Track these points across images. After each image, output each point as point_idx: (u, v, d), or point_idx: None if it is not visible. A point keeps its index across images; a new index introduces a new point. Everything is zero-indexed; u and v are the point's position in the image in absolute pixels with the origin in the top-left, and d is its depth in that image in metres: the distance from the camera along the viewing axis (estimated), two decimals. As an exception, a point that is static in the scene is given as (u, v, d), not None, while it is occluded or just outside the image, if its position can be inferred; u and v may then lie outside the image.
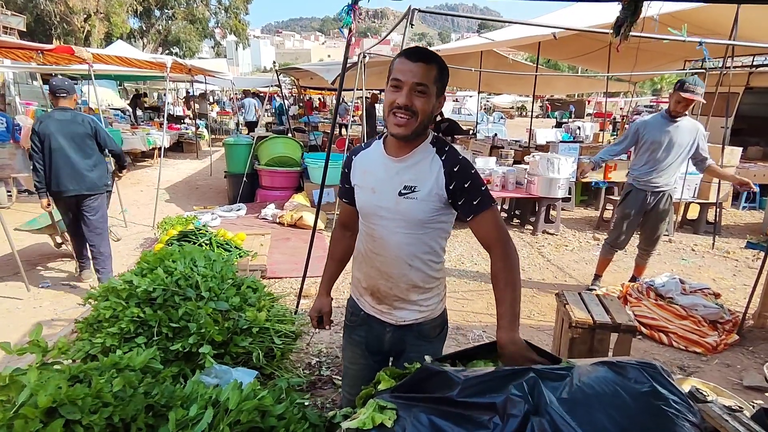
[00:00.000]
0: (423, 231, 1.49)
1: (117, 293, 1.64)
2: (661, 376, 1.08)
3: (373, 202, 1.51)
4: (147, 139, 10.44)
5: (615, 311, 2.62)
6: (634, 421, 0.96)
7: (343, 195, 1.70)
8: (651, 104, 29.84)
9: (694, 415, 1.01)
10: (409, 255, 1.50)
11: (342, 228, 1.78)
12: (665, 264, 5.34)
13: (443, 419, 1.05)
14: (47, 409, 1.02)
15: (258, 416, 1.16)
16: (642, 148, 3.96)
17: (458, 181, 1.44)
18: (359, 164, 1.59)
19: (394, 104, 1.39)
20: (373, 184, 1.52)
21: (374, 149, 1.58)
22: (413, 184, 1.45)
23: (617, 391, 1.05)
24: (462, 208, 1.47)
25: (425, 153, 1.48)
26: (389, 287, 1.55)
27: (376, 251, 1.54)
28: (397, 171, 1.47)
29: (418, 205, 1.45)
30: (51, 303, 3.82)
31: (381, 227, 1.51)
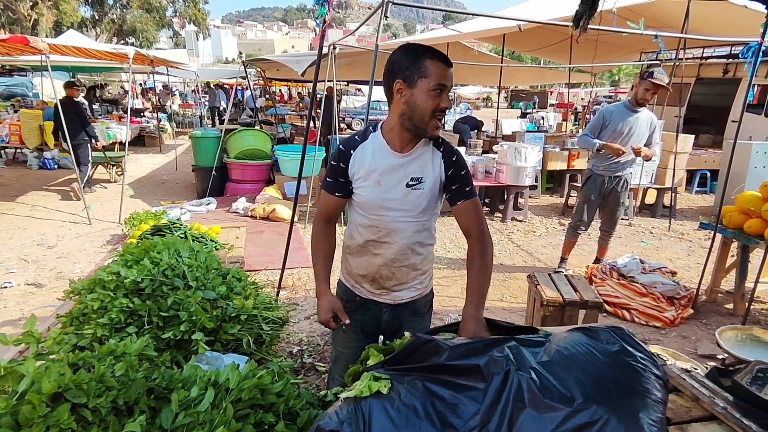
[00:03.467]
0: (426, 217, 1.62)
1: (104, 285, 1.63)
2: (629, 338, 1.20)
3: (379, 195, 1.56)
4: (107, 133, 10.05)
5: (582, 289, 2.78)
6: (606, 375, 1.07)
7: (334, 188, 1.64)
8: (610, 95, 30.93)
9: (659, 369, 1.12)
10: (414, 241, 1.62)
11: (326, 222, 1.73)
12: (626, 246, 5.64)
13: (434, 384, 1.13)
14: (52, 395, 1.04)
15: (258, 394, 1.20)
16: (604, 135, 4.15)
17: (455, 168, 1.58)
18: (359, 158, 1.58)
19: (438, 107, 1.47)
20: (378, 177, 1.55)
21: (373, 142, 1.58)
22: (419, 176, 1.56)
23: (590, 350, 1.16)
24: (453, 193, 1.60)
25: (426, 146, 1.58)
26: (392, 272, 1.64)
27: (380, 240, 1.60)
28: (402, 164, 1.55)
29: (425, 195, 1.57)
30: (16, 303, 3.69)
31: (387, 218, 1.57)
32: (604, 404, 1.01)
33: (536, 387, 1.04)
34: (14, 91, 13.53)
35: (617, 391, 1.06)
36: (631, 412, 1.01)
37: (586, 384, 1.07)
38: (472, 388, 1.09)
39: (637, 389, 1.07)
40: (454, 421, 1.05)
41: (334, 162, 1.63)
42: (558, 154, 8.07)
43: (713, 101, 10.28)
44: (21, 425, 1.00)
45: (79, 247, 5.01)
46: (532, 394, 1.02)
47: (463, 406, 1.07)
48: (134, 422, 1.05)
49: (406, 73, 1.46)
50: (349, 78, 14.11)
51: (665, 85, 3.83)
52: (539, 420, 0.99)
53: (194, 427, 1.11)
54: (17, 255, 4.71)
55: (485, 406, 1.04)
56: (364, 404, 1.10)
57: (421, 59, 1.45)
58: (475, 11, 9.94)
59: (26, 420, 0.99)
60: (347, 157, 1.60)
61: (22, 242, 5.08)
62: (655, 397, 1.06)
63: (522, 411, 1.01)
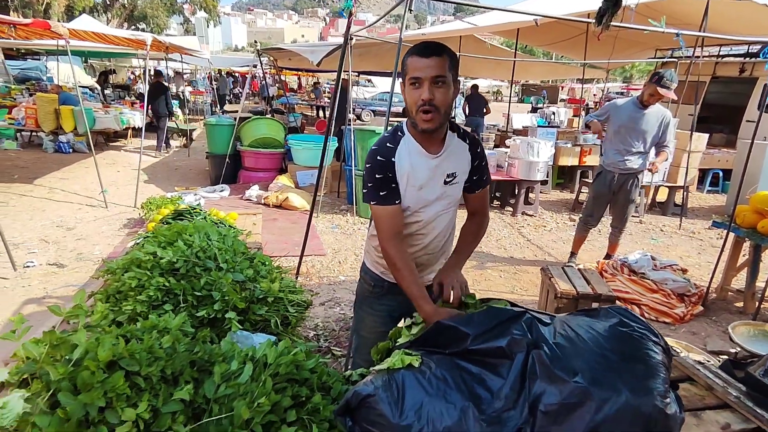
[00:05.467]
0: (456, 206, 1.70)
1: (140, 264, 1.70)
2: (626, 311, 1.27)
3: (421, 197, 1.60)
4: (120, 118, 10.14)
5: (596, 283, 2.82)
6: (608, 347, 1.15)
7: (392, 197, 1.55)
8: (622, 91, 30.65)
9: (656, 336, 1.19)
10: (449, 229, 1.72)
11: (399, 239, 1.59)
12: (636, 243, 5.66)
13: (462, 361, 1.19)
14: (107, 363, 1.11)
15: (294, 369, 1.27)
16: (611, 130, 4.17)
17: (480, 159, 1.66)
18: (400, 164, 1.56)
19: (418, 101, 1.45)
20: (420, 182, 1.57)
21: (406, 146, 1.57)
22: (453, 171, 1.61)
23: (591, 327, 1.23)
24: (473, 183, 1.68)
25: (453, 140, 1.62)
26: (427, 260, 1.73)
27: (420, 233, 1.66)
28: (438, 164, 1.59)
29: (459, 187, 1.66)
30: (40, 282, 3.79)
31: (426, 213, 1.63)
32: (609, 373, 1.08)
33: (548, 361, 1.10)
34: (29, 74, 13.65)
35: (620, 359, 1.13)
36: (634, 377, 1.07)
37: (590, 356, 1.14)
38: (497, 365, 1.15)
39: (637, 355, 1.14)
40: (481, 392, 1.11)
41: (380, 174, 1.55)
42: (570, 149, 8.06)
43: (728, 100, 10.19)
44: (79, 390, 1.08)
45: (97, 230, 5.11)
46: (544, 367, 1.09)
47: (490, 380, 1.13)
48: (182, 390, 1.12)
49: (401, 74, 1.52)
50: (360, 69, 14.08)
51: (669, 95, 3.83)
52: (550, 391, 1.05)
53: (235, 398, 1.18)
54: (38, 236, 4.82)
55: (510, 380, 1.10)
56: (397, 375, 1.16)
57: (406, 57, 1.48)
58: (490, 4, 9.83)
59: (84, 384, 1.06)
60: (392, 165, 1.56)
61: (41, 223, 5.19)
62: (656, 360, 1.12)
63: (535, 382, 1.08)
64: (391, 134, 1.61)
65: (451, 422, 1.06)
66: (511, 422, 1.05)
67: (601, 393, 1.02)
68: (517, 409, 1.07)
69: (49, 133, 9.02)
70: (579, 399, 1.02)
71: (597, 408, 1.01)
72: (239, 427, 1.12)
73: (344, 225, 5.84)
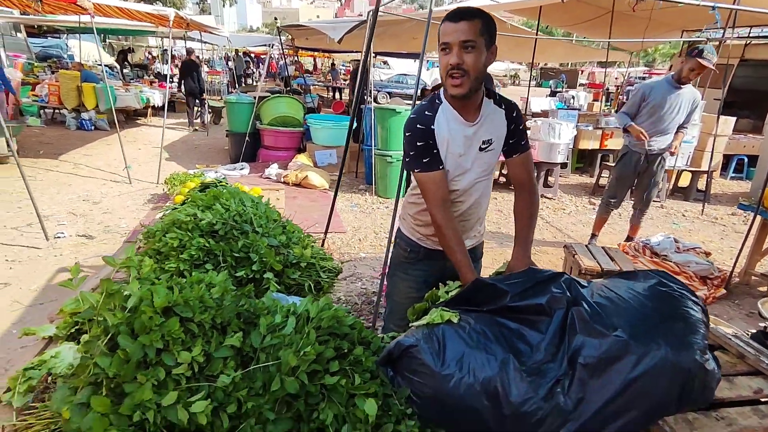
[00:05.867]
0: (491, 173, 1.71)
1: (180, 225, 1.76)
2: (666, 274, 1.28)
3: (459, 164, 1.61)
4: (140, 96, 10.24)
5: (620, 260, 2.82)
6: (647, 305, 1.16)
7: (436, 162, 1.57)
8: (644, 75, 29.88)
9: (695, 296, 1.20)
10: (484, 196, 1.73)
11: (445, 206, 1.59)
12: (657, 228, 5.60)
13: (501, 317, 1.22)
14: (162, 309, 1.16)
15: (335, 323, 1.31)
16: (643, 111, 4.08)
17: (516, 123, 1.65)
18: (440, 133, 1.57)
19: (447, 66, 1.47)
20: (459, 150, 1.59)
21: (444, 114, 1.57)
22: (489, 138, 1.61)
23: (630, 287, 1.25)
24: (511, 147, 1.67)
25: (489, 107, 1.62)
26: (463, 227, 1.74)
27: (458, 201, 1.68)
28: (475, 132, 1.60)
29: (495, 154, 1.66)
30: (71, 252, 3.91)
31: (463, 181, 1.64)
32: (649, 329, 1.11)
33: (588, 317, 1.12)
34: (50, 52, 13.80)
35: (660, 316, 1.15)
36: (674, 333, 1.09)
37: (630, 314, 1.16)
38: (536, 321, 1.18)
39: (677, 313, 1.16)
40: (520, 346, 1.14)
41: (421, 142, 1.56)
42: (591, 132, 7.94)
43: (756, 84, 9.91)
44: (136, 334, 1.13)
45: (122, 204, 5.23)
46: (584, 322, 1.11)
47: (529, 335, 1.16)
48: (233, 338, 1.17)
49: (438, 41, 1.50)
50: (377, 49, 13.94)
51: (712, 67, 3.74)
52: (590, 344, 1.08)
53: (280, 348, 1.23)
54: (66, 209, 4.94)
55: (549, 334, 1.13)
56: (437, 329, 1.20)
57: (440, 26, 1.48)
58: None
59: (142, 328, 1.12)
60: (432, 133, 1.56)
61: (68, 197, 5.32)
62: (696, 318, 1.14)
63: (574, 337, 1.10)
64: (429, 102, 1.62)
65: (491, 373, 1.09)
66: (551, 373, 1.08)
67: (642, 347, 1.04)
68: (557, 361, 1.10)
69: (71, 111, 9.16)
70: (619, 352, 1.04)
71: (637, 361, 1.03)
72: (286, 374, 1.17)
73: (363, 204, 5.87)
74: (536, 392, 1.06)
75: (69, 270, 3.54)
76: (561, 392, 1.05)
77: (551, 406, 1.05)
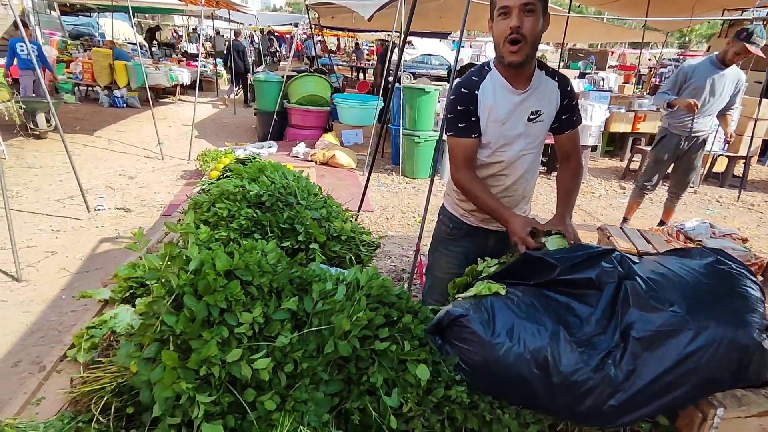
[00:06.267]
0: (539, 147, 1.69)
1: (228, 196, 1.81)
2: (723, 252, 1.26)
3: (502, 133, 1.60)
4: (170, 75, 10.38)
5: (656, 243, 2.79)
6: (704, 282, 1.15)
7: (469, 130, 1.59)
8: (677, 57, 28.71)
9: (753, 275, 1.19)
10: (530, 172, 1.70)
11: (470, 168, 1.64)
12: (691, 213, 5.48)
13: (550, 291, 1.24)
14: (224, 273, 1.22)
15: (384, 291, 1.35)
16: (685, 92, 3.96)
17: (569, 98, 1.63)
18: (483, 99, 1.58)
19: (506, 31, 1.43)
20: (502, 116, 1.57)
21: (491, 82, 1.58)
22: (538, 109, 1.59)
23: (685, 264, 1.24)
24: (563, 123, 1.65)
25: (541, 78, 1.60)
26: (509, 202, 1.72)
27: (502, 173, 1.67)
28: (523, 100, 1.58)
29: (544, 126, 1.63)
30: (111, 224, 4.06)
31: (509, 152, 1.63)
32: (706, 305, 1.10)
33: (642, 291, 1.13)
34: (82, 30, 14.04)
35: (717, 294, 1.14)
36: (732, 310, 1.09)
37: (686, 290, 1.15)
38: (585, 295, 1.19)
39: (735, 291, 1.15)
40: (570, 318, 1.16)
41: (461, 106, 1.59)
42: (623, 115, 7.74)
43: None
44: (200, 295, 1.19)
45: (156, 179, 5.37)
46: (638, 296, 1.12)
47: (578, 309, 1.17)
48: (289, 301, 1.22)
49: (491, 10, 1.49)
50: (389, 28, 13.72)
51: (759, 53, 3.57)
52: (645, 318, 1.08)
53: (332, 313, 1.27)
54: (103, 183, 5.11)
55: (600, 308, 1.14)
56: (485, 300, 1.22)
57: None
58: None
59: (205, 289, 1.18)
60: (474, 98, 1.57)
61: (105, 172, 5.49)
62: (754, 297, 1.14)
63: (628, 311, 1.11)
64: (478, 69, 1.63)
65: (542, 343, 1.11)
66: (602, 345, 1.10)
67: (698, 323, 1.05)
68: (608, 333, 1.11)
69: (104, 88, 9.36)
70: (675, 327, 1.05)
71: (693, 337, 1.04)
72: (338, 338, 1.22)
73: (390, 184, 5.89)
74: (586, 363, 1.08)
75: (111, 240, 3.69)
76: (612, 364, 1.07)
77: (601, 377, 1.07)
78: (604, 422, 1.11)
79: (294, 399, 1.14)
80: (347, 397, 1.22)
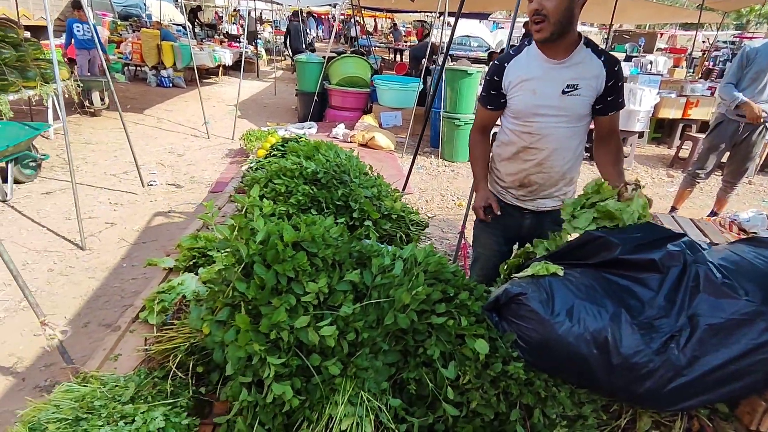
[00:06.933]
0: (581, 124, 1.68)
1: (285, 173, 1.88)
2: None
3: (533, 102, 1.64)
4: (213, 55, 10.60)
5: (711, 233, 2.70)
6: None
7: (487, 101, 1.78)
8: (733, 40, 26.91)
9: None
10: (568, 149, 1.69)
11: (481, 133, 1.90)
12: (744, 204, 5.23)
13: (608, 274, 1.23)
14: (291, 244, 1.28)
15: (441, 268, 1.38)
16: (746, 76, 3.75)
17: (616, 79, 1.62)
18: (513, 70, 1.67)
19: (530, 12, 1.53)
20: (533, 86, 1.63)
21: (527, 54, 1.67)
22: (575, 83, 1.59)
23: (761, 253, 1.20)
24: (607, 104, 1.65)
25: (584, 53, 1.61)
26: (543, 179, 1.74)
27: (533, 146, 1.69)
28: (557, 70, 1.61)
29: (581, 101, 1.62)
30: (163, 198, 4.25)
31: (542, 124, 1.65)
32: None
33: (715, 277, 1.11)
34: (130, 11, 14.46)
35: None
36: None
37: (762, 279, 1.12)
38: (646, 279, 1.18)
39: None
40: (631, 302, 1.15)
41: (488, 77, 1.73)
42: (674, 101, 7.38)
43: None
44: (268, 264, 1.25)
45: (204, 157, 5.56)
46: (710, 282, 1.10)
47: (640, 292, 1.16)
48: (352, 273, 1.27)
49: None
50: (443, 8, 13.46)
51: None
52: (716, 305, 1.07)
53: (390, 287, 1.32)
54: (155, 159, 5.33)
55: (663, 291, 1.13)
56: (543, 280, 1.23)
57: None
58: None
59: (274, 259, 1.24)
60: (501, 70, 1.69)
61: (156, 149, 5.72)
62: None
63: (697, 296, 1.09)
64: (519, 44, 1.73)
65: (602, 324, 1.12)
66: (664, 328, 1.10)
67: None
68: (671, 317, 1.10)
69: (151, 68, 9.66)
70: (748, 316, 1.03)
71: (766, 327, 1.02)
72: (397, 311, 1.26)
73: (429, 167, 5.88)
74: (648, 345, 1.08)
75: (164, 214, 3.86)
76: (675, 347, 1.06)
77: (663, 360, 1.07)
78: (662, 405, 1.12)
79: (356, 366, 1.19)
80: (403, 367, 1.27)
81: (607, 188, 1.37)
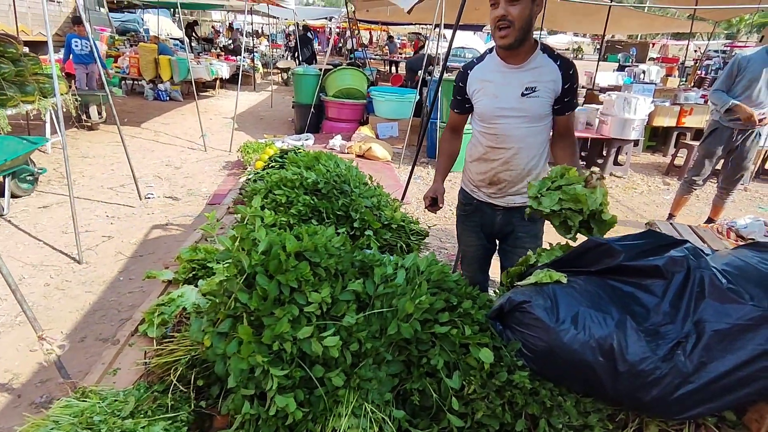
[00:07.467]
0: (542, 124, 1.77)
1: (285, 183, 1.88)
2: None
3: (495, 105, 1.75)
4: (210, 69, 10.66)
5: (710, 239, 2.70)
6: None
7: (455, 106, 1.96)
8: (724, 49, 27.31)
9: None
10: (533, 147, 1.79)
11: (451, 132, 2.09)
12: (740, 211, 5.26)
13: (612, 280, 1.23)
14: (293, 254, 1.27)
15: (444, 277, 1.38)
16: (738, 83, 3.80)
17: (572, 82, 1.72)
18: (476, 76, 1.80)
19: (494, 19, 1.61)
20: (494, 90, 1.74)
21: (488, 62, 1.79)
22: (534, 85, 1.70)
23: (762, 258, 1.20)
24: (564, 104, 1.75)
25: (540, 58, 1.70)
26: (511, 176, 1.84)
27: (498, 146, 1.80)
28: (515, 74, 1.71)
29: (540, 103, 1.72)
30: (161, 211, 4.23)
31: (504, 125, 1.76)
32: None
33: (719, 282, 1.10)
34: (128, 26, 14.57)
35: None
36: None
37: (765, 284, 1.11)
38: (649, 285, 1.17)
39: None
40: (636, 308, 1.14)
41: (455, 83, 1.90)
42: (668, 109, 7.46)
43: None
44: (270, 274, 1.25)
45: (201, 170, 5.55)
46: (715, 287, 1.09)
47: (644, 298, 1.16)
48: (354, 283, 1.27)
49: None
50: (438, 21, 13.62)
51: None
52: (722, 310, 1.06)
53: (393, 297, 1.31)
54: (152, 172, 5.32)
55: (668, 298, 1.12)
56: (547, 288, 1.22)
57: None
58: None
59: (277, 270, 1.23)
60: (465, 77, 1.84)
61: (153, 162, 5.71)
62: None
63: (702, 301, 1.09)
64: (482, 54, 1.84)
65: (608, 331, 1.11)
66: (670, 335, 1.09)
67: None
68: (677, 324, 1.10)
69: (149, 82, 9.70)
70: (754, 321, 1.02)
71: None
72: (401, 320, 1.25)
73: (426, 177, 5.90)
74: (654, 352, 1.07)
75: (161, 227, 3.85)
76: (682, 354, 1.06)
77: (669, 367, 1.06)
78: (669, 413, 1.11)
79: (359, 377, 1.18)
80: (407, 378, 1.25)
81: (574, 173, 1.40)
